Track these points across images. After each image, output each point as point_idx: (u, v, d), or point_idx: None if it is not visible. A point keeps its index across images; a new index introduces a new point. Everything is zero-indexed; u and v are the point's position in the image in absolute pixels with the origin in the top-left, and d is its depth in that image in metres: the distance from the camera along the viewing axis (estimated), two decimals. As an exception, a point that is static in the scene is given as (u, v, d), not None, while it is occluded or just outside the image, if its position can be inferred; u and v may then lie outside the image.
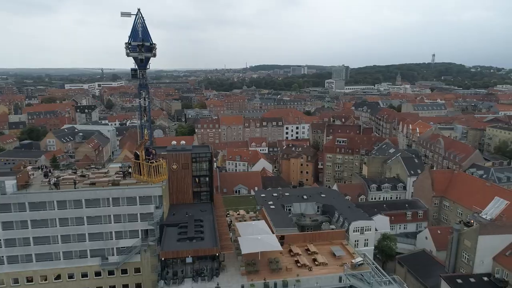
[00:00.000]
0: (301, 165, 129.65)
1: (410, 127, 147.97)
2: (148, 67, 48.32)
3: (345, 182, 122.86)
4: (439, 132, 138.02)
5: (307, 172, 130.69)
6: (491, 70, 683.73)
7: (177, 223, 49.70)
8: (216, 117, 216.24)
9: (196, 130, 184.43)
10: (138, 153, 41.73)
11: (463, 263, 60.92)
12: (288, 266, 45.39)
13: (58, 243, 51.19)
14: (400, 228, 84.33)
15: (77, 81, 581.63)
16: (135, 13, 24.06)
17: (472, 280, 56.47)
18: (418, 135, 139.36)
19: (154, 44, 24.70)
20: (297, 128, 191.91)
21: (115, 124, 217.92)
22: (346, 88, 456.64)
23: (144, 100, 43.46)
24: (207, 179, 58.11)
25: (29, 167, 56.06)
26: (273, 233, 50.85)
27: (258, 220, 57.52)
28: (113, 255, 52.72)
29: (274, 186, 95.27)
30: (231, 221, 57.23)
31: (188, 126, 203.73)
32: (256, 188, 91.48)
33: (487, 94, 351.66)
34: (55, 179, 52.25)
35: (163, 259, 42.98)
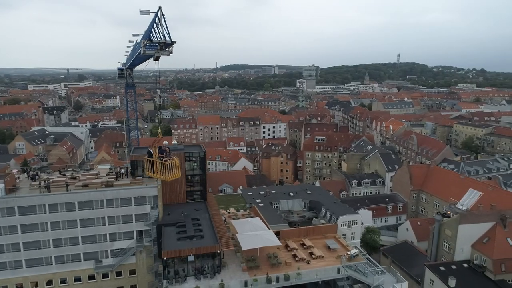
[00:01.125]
0: (281, 163, 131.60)
1: (384, 125, 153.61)
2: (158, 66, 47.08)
3: (324, 179, 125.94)
4: (411, 129, 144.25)
5: (287, 170, 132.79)
6: (452, 70, 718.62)
7: (174, 222, 49.63)
8: (191, 117, 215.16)
9: (172, 131, 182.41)
10: (152, 151, 41.64)
11: (444, 252, 64.52)
12: (287, 261, 46.61)
13: (49, 248, 49.80)
14: (381, 221, 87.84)
15: (40, 82, 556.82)
16: (156, 11, 24.08)
17: (453, 267, 59.93)
18: (392, 132, 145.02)
19: (174, 41, 24.74)
20: (273, 127, 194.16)
21: (85, 125, 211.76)
22: (317, 88, 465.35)
23: (160, 98, 43.18)
24: (200, 178, 58.22)
25: (14, 170, 54.05)
26: (269, 229, 51.85)
27: (252, 217, 58.29)
28: (107, 257, 51.93)
29: (258, 185, 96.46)
30: (225, 219, 57.66)
31: (163, 127, 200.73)
32: (241, 187, 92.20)
33: (449, 92, 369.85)
34: (44, 181, 50.82)
35: (165, 258, 42.96)
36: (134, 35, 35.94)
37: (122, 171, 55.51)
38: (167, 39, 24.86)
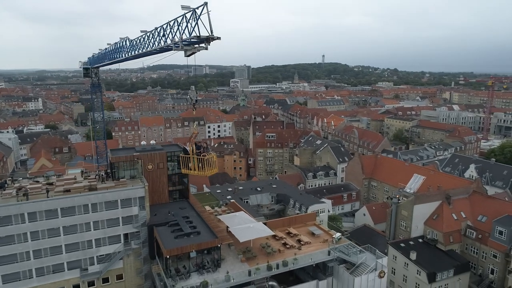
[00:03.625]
0: (235, 161, 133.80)
1: (325, 121, 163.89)
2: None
3: (276, 174, 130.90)
4: (350, 124, 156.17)
5: (240, 168, 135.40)
6: (370, 70, 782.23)
7: (166, 222, 49.36)
8: (129, 119, 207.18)
9: (113, 133, 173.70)
10: (187, 148, 41.76)
11: (401, 231, 72.53)
12: (280, 249, 49.34)
13: (29, 260, 46.24)
14: (338, 209, 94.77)
15: None
16: (201, 6, 24.09)
17: (411, 243, 67.85)
18: (334, 127, 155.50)
19: (219, 37, 24.78)
20: (219, 126, 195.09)
21: (7, 131, 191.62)
22: (251, 87, 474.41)
23: (196, 93, 42.57)
24: (182, 177, 58.13)
25: (-23, 180, 48.93)
26: (256, 221, 54.04)
27: (232, 212, 59.93)
28: (93, 264, 49.73)
29: (221, 183, 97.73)
30: (209, 216, 58.42)
31: (101, 130, 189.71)
32: (204, 186, 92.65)
33: (371, 90, 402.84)
34: (19, 189, 47.09)
35: (167, 257, 42.97)
36: (142, 31, 35.42)
37: (102, 173, 53.40)
38: (203, 34, 25.32)
